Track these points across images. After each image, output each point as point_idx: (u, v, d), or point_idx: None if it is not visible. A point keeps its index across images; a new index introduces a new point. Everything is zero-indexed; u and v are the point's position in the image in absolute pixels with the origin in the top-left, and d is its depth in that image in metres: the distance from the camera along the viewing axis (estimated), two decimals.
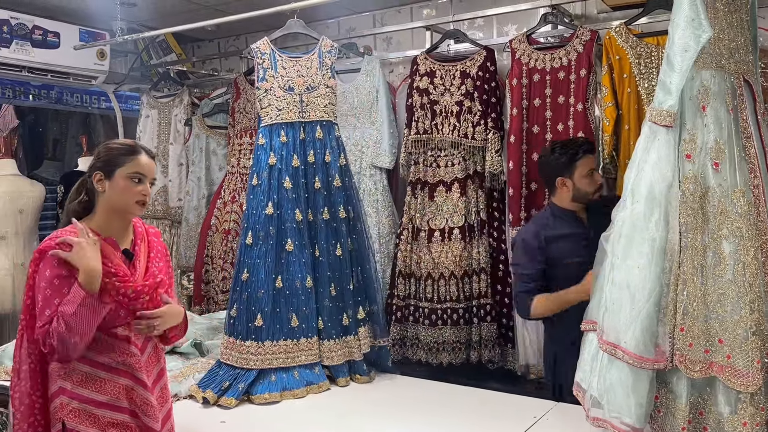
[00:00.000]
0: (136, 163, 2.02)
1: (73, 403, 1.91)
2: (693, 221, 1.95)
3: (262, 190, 2.81)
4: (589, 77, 3.04)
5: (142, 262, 2.06)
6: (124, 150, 2.04)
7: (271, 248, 2.77)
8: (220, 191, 4.12)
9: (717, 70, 2.03)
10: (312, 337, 2.80)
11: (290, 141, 2.85)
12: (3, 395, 2.63)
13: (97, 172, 2.01)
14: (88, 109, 5.22)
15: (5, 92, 5.04)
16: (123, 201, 2.00)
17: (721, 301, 1.91)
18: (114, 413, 1.94)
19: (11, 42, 3.93)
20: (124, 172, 2.00)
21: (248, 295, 2.75)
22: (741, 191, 1.96)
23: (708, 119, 2.00)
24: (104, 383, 1.94)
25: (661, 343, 1.94)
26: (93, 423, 1.92)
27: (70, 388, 1.92)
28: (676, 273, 1.95)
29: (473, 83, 3.31)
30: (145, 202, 2.05)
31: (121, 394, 1.96)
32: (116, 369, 1.96)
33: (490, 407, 2.55)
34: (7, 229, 4.11)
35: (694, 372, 1.91)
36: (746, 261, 1.91)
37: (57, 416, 1.92)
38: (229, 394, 2.60)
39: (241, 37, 4.72)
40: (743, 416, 1.90)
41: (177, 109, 4.45)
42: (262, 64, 2.88)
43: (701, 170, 1.98)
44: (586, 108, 3.05)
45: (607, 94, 2.98)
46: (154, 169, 2.10)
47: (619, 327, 1.98)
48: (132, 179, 2.00)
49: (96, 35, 4.30)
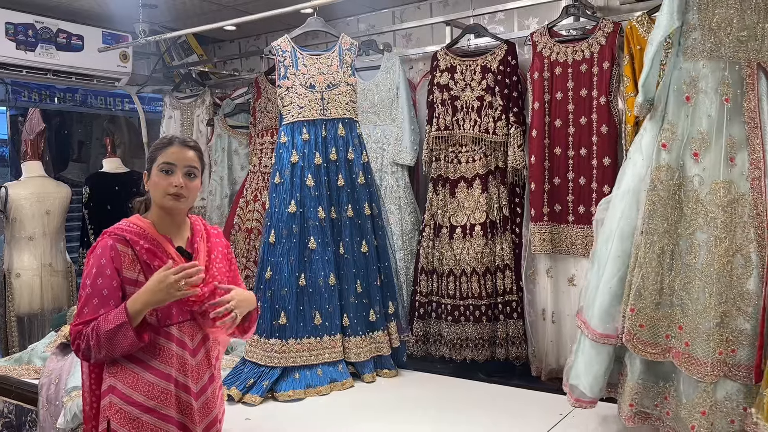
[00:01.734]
0: (166, 153, 1.94)
1: (120, 404, 1.88)
2: (659, 209, 1.99)
3: (284, 189, 2.82)
4: (612, 70, 3.00)
5: (202, 261, 1.99)
6: (160, 144, 1.99)
7: (294, 246, 2.78)
8: (242, 190, 4.14)
9: (712, 60, 2.02)
10: (335, 335, 2.80)
11: (312, 139, 2.85)
12: (32, 393, 2.67)
13: (145, 171, 2.00)
14: (112, 111, 5.29)
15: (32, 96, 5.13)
16: (156, 196, 1.94)
17: (686, 289, 1.97)
18: (157, 420, 1.89)
19: (36, 46, 3.99)
20: (156, 166, 1.95)
21: (272, 293, 2.76)
22: (724, 183, 1.97)
23: (692, 110, 2.02)
24: (152, 387, 1.89)
25: (619, 321, 2.04)
26: (136, 427, 1.87)
27: (120, 388, 1.89)
28: (635, 256, 2.02)
29: (494, 78, 3.28)
30: (179, 194, 1.91)
31: (168, 400, 1.90)
32: (165, 373, 1.90)
33: (516, 404, 2.53)
34: (35, 230, 4.17)
35: (645, 353, 1.99)
36: (718, 252, 1.92)
37: (105, 414, 1.91)
38: (253, 392, 2.61)
39: (261, 36, 4.74)
40: (702, 405, 1.91)
41: (199, 110, 4.48)
42: (284, 62, 2.89)
43: (678, 160, 2.02)
44: (609, 101, 3.00)
45: (629, 84, 2.94)
46: (190, 158, 1.95)
47: (587, 304, 2.13)
48: (162, 171, 1.93)
49: (118, 37, 4.35)
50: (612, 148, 3.01)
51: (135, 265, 1.88)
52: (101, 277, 1.85)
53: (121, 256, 1.87)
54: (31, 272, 4.14)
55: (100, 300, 1.84)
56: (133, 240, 1.89)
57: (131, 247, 1.88)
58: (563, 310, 3.18)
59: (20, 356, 3.10)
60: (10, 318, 4.14)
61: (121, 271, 1.86)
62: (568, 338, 3.14)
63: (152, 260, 1.89)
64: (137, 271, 1.88)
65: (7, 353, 3.98)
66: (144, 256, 1.88)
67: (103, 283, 1.85)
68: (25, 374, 2.87)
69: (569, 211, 3.13)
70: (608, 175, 3.01)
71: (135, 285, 1.87)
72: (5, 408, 2.82)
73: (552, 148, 3.15)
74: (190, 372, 1.94)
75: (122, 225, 1.94)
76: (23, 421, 2.75)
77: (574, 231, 3.11)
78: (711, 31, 2.02)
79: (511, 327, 3.26)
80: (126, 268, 1.87)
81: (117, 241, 1.88)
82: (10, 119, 5.57)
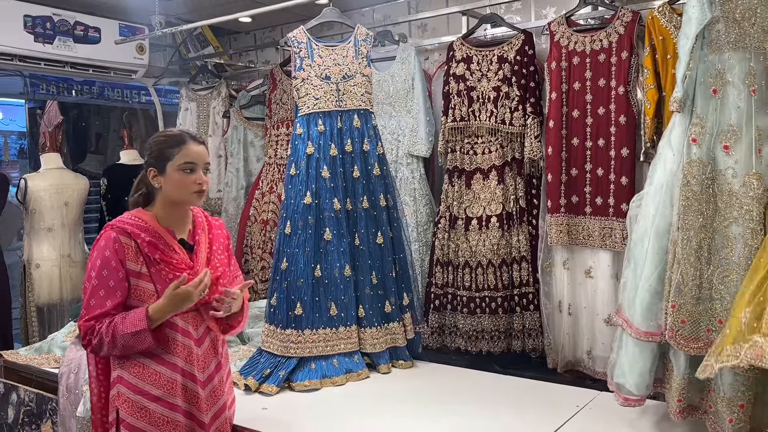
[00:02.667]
0: (185, 153, 1.98)
1: (129, 394, 1.93)
2: (693, 204, 1.97)
3: (300, 180, 2.82)
4: (630, 59, 2.96)
5: (203, 253, 2.04)
6: (172, 142, 2.00)
7: (310, 237, 2.78)
8: (258, 182, 4.16)
9: (737, 51, 1.99)
10: (351, 326, 2.80)
11: (328, 130, 2.84)
12: (53, 382, 2.71)
13: (151, 168, 2.00)
14: (129, 104, 5.32)
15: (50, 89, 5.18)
16: (180, 194, 1.99)
17: (724, 283, 1.96)
18: (165, 410, 1.93)
19: (54, 38, 4.02)
20: (175, 164, 1.97)
21: (288, 285, 2.77)
22: (756, 174, 1.95)
23: (720, 102, 2.00)
24: (159, 377, 1.94)
25: (661, 318, 2.04)
26: (144, 416, 1.92)
27: (127, 378, 1.93)
28: (673, 252, 2.01)
29: (511, 68, 3.26)
30: (203, 191, 2.01)
31: (175, 389, 1.95)
32: (171, 363, 1.95)
33: (533, 396, 2.52)
34: (54, 221, 4.22)
35: (688, 348, 1.98)
36: (754, 244, 1.90)
37: (114, 404, 1.95)
38: (270, 381, 2.63)
39: (276, 28, 4.74)
40: (741, 399, 1.91)
41: (215, 102, 4.50)
42: (299, 53, 2.88)
43: (709, 153, 2.00)
44: (628, 91, 2.97)
45: (649, 75, 2.90)
46: (206, 154, 2.04)
47: (627, 302, 2.13)
48: (184, 170, 1.97)
49: (135, 30, 4.37)
50: (630, 139, 2.97)
51: (138, 257, 1.92)
52: (107, 269, 1.89)
53: (125, 248, 1.91)
54: (51, 263, 4.19)
55: (107, 292, 1.88)
56: (135, 233, 1.93)
57: (133, 239, 1.92)
58: (580, 302, 3.16)
59: (40, 346, 3.14)
60: (30, 308, 4.20)
61: (125, 262, 1.91)
62: (585, 330, 3.12)
63: (153, 253, 1.93)
64: (140, 263, 1.92)
65: (27, 343, 4.04)
66: (146, 249, 1.92)
67: (109, 275, 1.89)
68: (45, 363, 2.91)
69: (587, 202, 3.10)
70: (627, 166, 2.98)
71: (138, 277, 1.92)
72: (26, 396, 2.86)
73: (569, 138, 3.12)
74: (196, 361, 1.99)
75: (124, 218, 1.97)
76: (44, 409, 2.79)
77: (592, 222, 3.08)
78: (735, 22, 1.99)
79: (528, 319, 3.25)
80: (129, 260, 1.91)
81: (120, 234, 1.92)
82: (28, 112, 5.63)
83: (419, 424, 2.32)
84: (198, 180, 1.98)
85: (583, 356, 3.14)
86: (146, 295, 1.93)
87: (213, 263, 2.05)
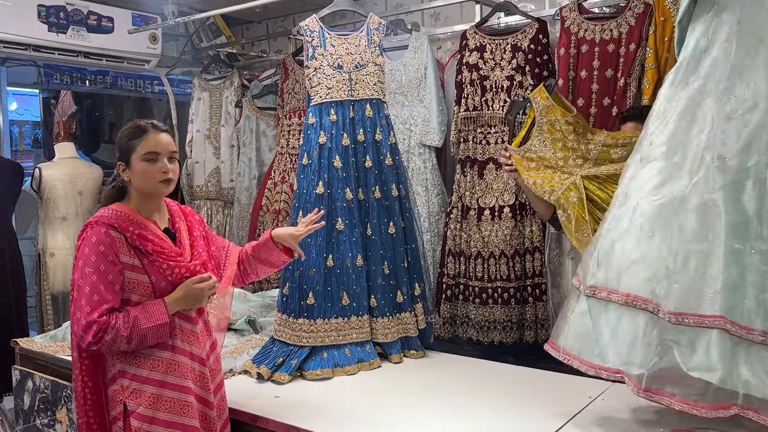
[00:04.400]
0: (146, 143, 1.97)
1: (135, 385, 1.93)
2: None
3: (312, 170, 2.81)
4: (636, 52, 2.92)
5: (186, 241, 2.08)
6: (132, 133, 2.00)
7: (322, 227, 2.78)
8: (270, 172, 4.16)
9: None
10: (363, 316, 2.80)
11: (340, 120, 2.83)
12: (67, 370, 2.73)
13: (120, 163, 2.00)
14: (141, 93, 5.34)
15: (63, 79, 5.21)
16: (147, 184, 1.98)
17: None
18: (172, 392, 1.95)
19: (68, 28, 4.04)
20: (138, 155, 1.96)
21: (300, 274, 2.77)
22: None
23: None
24: (163, 362, 1.96)
25: None
26: (156, 403, 1.93)
27: (129, 370, 1.94)
28: None
29: (524, 57, 3.23)
30: (169, 179, 1.99)
31: (182, 370, 1.98)
32: (175, 346, 1.98)
33: (545, 387, 2.51)
34: (68, 210, 4.24)
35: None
36: None
37: (117, 399, 1.95)
38: (282, 370, 2.64)
39: (288, 17, 4.73)
40: None
41: (228, 91, 4.50)
42: (311, 42, 2.86)
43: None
44: (628, 84, 2.93)
45: (651, 55, 2.86)
46: (170, 143, 2.02)
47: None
48: (148, 161, 1.96)
49: (148, 19, 4.38)
50: None
51: (129, 249, 1.93)
52: (104, 264, 1.88)
53: (117, 242, 1.91)
54: (65, 252, 4.22)
55: (106, 286, 1.87)
56: (123, 226, 1.92)
57: (122, 233, 1.92)
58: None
59: (55, 333, 3.17)
60: (45, 296, 4.24)
61: (120, 256, 1.90)
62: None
63: (145, 245, 1.94)
64: (132, 255, 1.93)
65: (42, 331, 4.08)
66: (136, 242, 1.93)
67: (107, 269, 1.88)
68: (60, 351, 2.93)
69: None
70: None
71: (133, 269, 1.93)
72: (42, 384, 2.89)
73: None
74: (196, 342, 2.04)
75: (106, 213, 1.95)
76: (59, 396, 2.81)
77: None
78: None
79: (540, 309, 3.24)
80: (123, 254, 1.91)
81: (109, 228, 1.91)
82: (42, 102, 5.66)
83: (430, 414, 2.32)
84: (163, 169, 1.96)
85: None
86: (141, 287, 1.94)
87: (197, 249, 2.09)
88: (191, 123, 4.62)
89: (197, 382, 2.03)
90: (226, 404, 2.18)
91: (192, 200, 4.59)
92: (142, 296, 1.94)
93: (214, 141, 4.52)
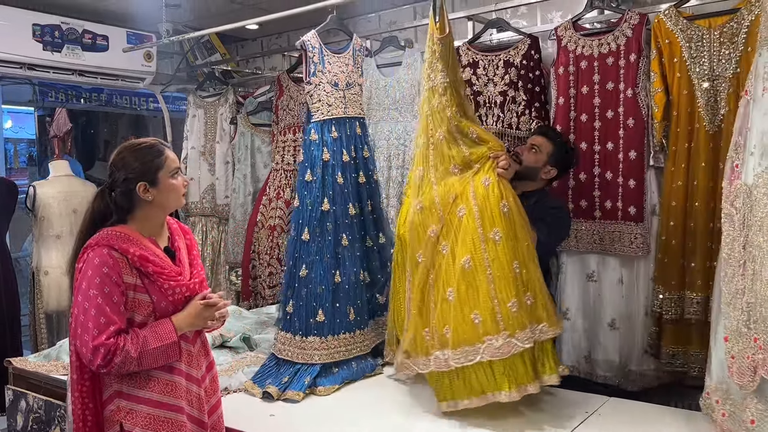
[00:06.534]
0: (171, 159, 2.03)
1: (131, 405, 1.92)
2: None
3: (317, 186, 2.80)
4: (639, 62, 2.94)
5: (185, 259, 2.08)
6: (153, 152, 2.01)
7: (329, 244, 2.78)
8: (265, 188, 4.16)
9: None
10: (365, 329, 2.86)
11: (340, 136, 2.86)
12: (61, 389, 2.71)
13: (141, 183, 1.96)
14: (137, 111, 5.35)
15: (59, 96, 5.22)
16: (174, 199, 2.04)
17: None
18: (168, 412, 1.94)
19: (62, 46, 4.05)
20: (168, 172, 2.00)
21: (307, 292, 2.76)
22: None
23: None
24: (159, 382, 1.94)
25: None
26: (152, 423, 1.92)
27: (126, 391, 1.93)
28: None
29: (517, 72, 3.25)
30: (186, 192, 2.11)
31: (178, 392, 1.96)
32: (172, 367, 1.96)
33: (541, 402, 2.50)
34: (63, 228, 4.23)
35: None
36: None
37: (114, 419, 1.93)
38: (294, 388, 2.62)
39: (283, 35, 4.76)
40: None
41: (222, 108, 4.51)
42: (313, 59, 2.83)
43: None
44: (637, 93, 2.95)
45: (657, 79, 2.89)
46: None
47: None
48: (173, 176, 2.02)
49: (143, 37, 4.40)
50: (639, 142, 2.96)
51: (131, 269, 1.91)
52: (109, 285, 1.87)
53: (119, 263, 1.89)
54: (59, 270, 4.20)
55: (112, 308, 1.86)
56: (123, 247, 1.91)
57: (123, 254, 1.91)
58: (579, 306, 3.16)
59: (49, 353, 3.15)
60: (39, 315, 4.21)
61: (122, 276, 1.89)
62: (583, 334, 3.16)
63: (146, 266, 1.93)
64: (134, 275, 1.92)
65: (36, 350, 4.05)
66: (137, 263, 1.92)
67: (111, 290, 1.87)
68: (54, 370, 2.91)
69: (596, 206, 3.09)
70: (635, 168, 2.97)
71: (135, 290, 1.92)
72: (35, 403, 2.87)
73: (578, 142, 3.11)
74: (194, 361, 2.04)
75: (106, 235, 1.93)
76: (52, 416, 2.79)
77: (601, 226, 3.07)
78: None
79: None
80: (126, 274, 1.90)
81: (111, 249, 1.90)
82: (37, 119, 5.67)
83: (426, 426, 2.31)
84: (184, 182, 2.09)
85: (581, 360, 3.13)
86: (142, 306, 1.93)
87: (196, 268, 2.08)
88: (186, 140, 4.63)
89: (192, 403, 2.01)
90: (222, 424, 2.16)
91: (187, 217, 4.59)
92: (143, 316, 1.93)
93: (209, 157, 4.53)
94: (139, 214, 1.99)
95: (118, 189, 1.97)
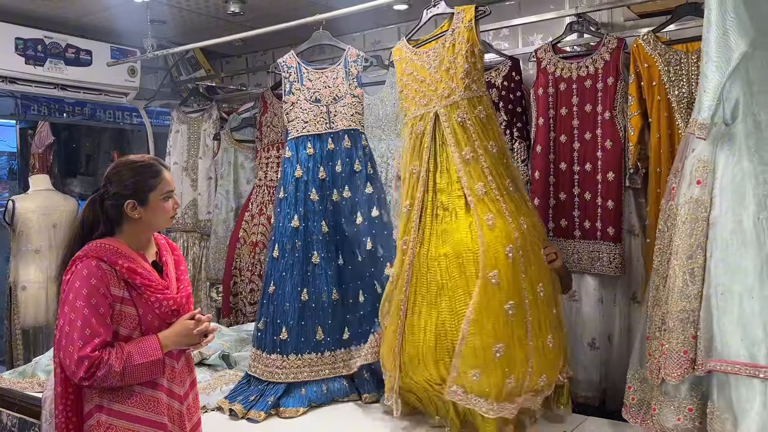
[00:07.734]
0: (166, 182, 2.03)
1: (111, 420, 1.91)
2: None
3: (288, 203, 2.81)
4: (616, 85, 3.00)
5: (172, 274, 2.08)
6: (149, 172, 2.02)
7: (297, 261, 2.77)
8: (248, 204, 4.16)
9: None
10: (336, 350, 2.79)
11: (317, 153, 2.85)
12: (35, 406, 2.67)
13: (129, 201, 1.97)
14: (119, 125, 5.32)
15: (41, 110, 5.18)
16: (161, 221, 2.04)
17: None
18: (148, 428, 1.93)
19: (45, 60, 4.04)
20: (159, 194, 2.01)
21: (274, 309, 2.75)
22: None
23: None
24: (141, 397, 1.93)
25: None
26: None
27: (107, 405, 1.91)
28: None
29: (498, 93, 3.29)
30: (175, 215, 2.10)
31: (159, 408, 1.95)
32: (155, 383, 1.95)
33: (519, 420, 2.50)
34: (42, 243, 4.20)
35: None
36: None
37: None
38: (257, 407, 2.60)
39: (268, 52, 4.78)
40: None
41: (206, 124, 4.51)
42: (288, 78, 2.90)
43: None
44: (614, 116, 3.00)
45: (634, 103, 2.94)
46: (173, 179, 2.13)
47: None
48: (165, 199, 2.03)
49: (127, 52, 4.40)
50: (616, 164, 3.00)
51: (119, 282, 1.92)
52: (95, 297, 1.86)
53: (108, 275, 1.89)
54: (37, 285, 4.16)
55: (98, 320, 1.86)
56: (112, 260, 1.92)
57: (111, 266, 1.91)
58: None
59: (24, 369, 3.11)
60: (16, 331, 4.16)
61: (110, 289, 1.89)
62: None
63: (134, 278, 1.93)
64: (121, 287, 1.92)
65: (11, 366, 3.99)
66: (125, 275, 1.92)
67: (98, 302, 1.87)
68: (29, 387, 2.88)
69: (575, 226, 3.12)
70: (612, 189, 3.01)
71: (122, 302, 1.92)
72: (9, 421, 2.82)
73: (557, 163, 3.15)
74: (177, 378, 2.02)
75: (96, 247, 1.94)
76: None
77: (581, 246, 3.10)
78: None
79: None
80: (113, 286, 1.90)
81: (99, 261, 1.90)
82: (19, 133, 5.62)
83: None
84: (175, 205, 2.07)
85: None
86: (128, 319, 1.93)
87: (183, 283, 2.09)
88: (169, 155, 4.62)
89: (174, 420, 2.00)
90: None
91: (168, 232, 4.56)
92: (128, 329, 1.93)
93: (192, 173, 4.52)
94: (126, 229, 2.01)
95: (108, 201, 2.00)
